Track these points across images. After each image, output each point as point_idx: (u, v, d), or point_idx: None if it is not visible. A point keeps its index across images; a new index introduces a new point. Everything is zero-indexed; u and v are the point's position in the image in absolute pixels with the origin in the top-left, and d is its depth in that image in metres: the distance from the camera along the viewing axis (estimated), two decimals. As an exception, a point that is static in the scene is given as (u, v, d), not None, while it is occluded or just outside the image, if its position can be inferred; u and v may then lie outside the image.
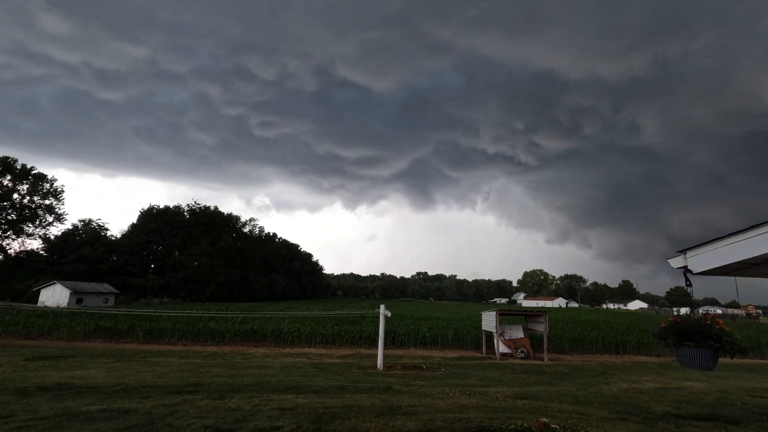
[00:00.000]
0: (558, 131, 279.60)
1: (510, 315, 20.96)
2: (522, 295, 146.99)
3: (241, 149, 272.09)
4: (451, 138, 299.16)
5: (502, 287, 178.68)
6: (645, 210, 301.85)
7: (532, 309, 33.15)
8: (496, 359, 16.49)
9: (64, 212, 58.98)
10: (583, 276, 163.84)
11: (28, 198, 55.67)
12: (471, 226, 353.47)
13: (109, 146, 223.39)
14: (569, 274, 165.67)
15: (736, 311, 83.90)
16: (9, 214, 53.52)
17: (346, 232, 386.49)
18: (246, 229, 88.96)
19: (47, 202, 57.44)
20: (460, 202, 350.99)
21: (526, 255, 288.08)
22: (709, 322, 3.76)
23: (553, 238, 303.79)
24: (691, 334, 3.72)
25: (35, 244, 57.97)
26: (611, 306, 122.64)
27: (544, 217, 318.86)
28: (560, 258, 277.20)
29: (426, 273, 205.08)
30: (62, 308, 34.62)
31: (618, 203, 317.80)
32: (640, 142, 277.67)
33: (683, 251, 3.73)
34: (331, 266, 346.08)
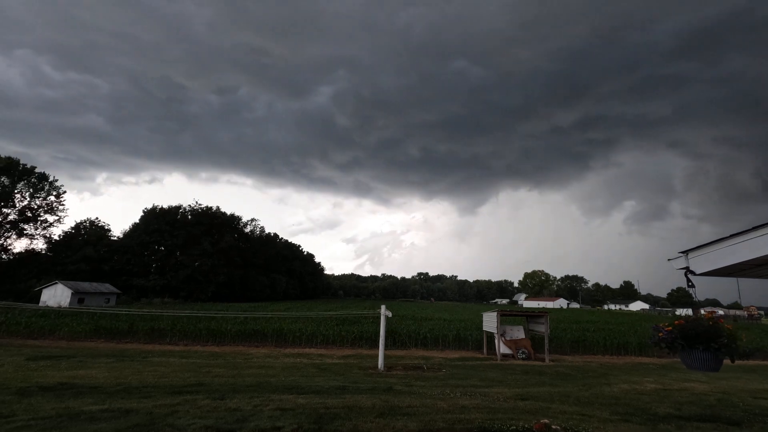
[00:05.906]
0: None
1: (511, 316, 20.95)
2: (523, 296, 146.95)
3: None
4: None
5: (503, 288, 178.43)
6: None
7: (533, 310, 33.20)
8: (497, 360, 16.46)
9: (64, 213, 59.02)
10: (585, 277, 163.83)
11: (29, 199, 55.77)
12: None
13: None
14: (570, 275, 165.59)
15: (738, 312, 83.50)
16: (9, 214, 53.54)
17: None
18: (247, 230, 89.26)
19: (48, 202, 57.50)
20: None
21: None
22: (711, 322, 3.71)
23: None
24: (701, 337, 3.66)
25: (39, 244, 58.09)
26: (612, 307, 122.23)
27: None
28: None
29: (427, 273, 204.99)
30: (64, 308, 34.70)
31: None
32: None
33: (685, 252, 3.70)
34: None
